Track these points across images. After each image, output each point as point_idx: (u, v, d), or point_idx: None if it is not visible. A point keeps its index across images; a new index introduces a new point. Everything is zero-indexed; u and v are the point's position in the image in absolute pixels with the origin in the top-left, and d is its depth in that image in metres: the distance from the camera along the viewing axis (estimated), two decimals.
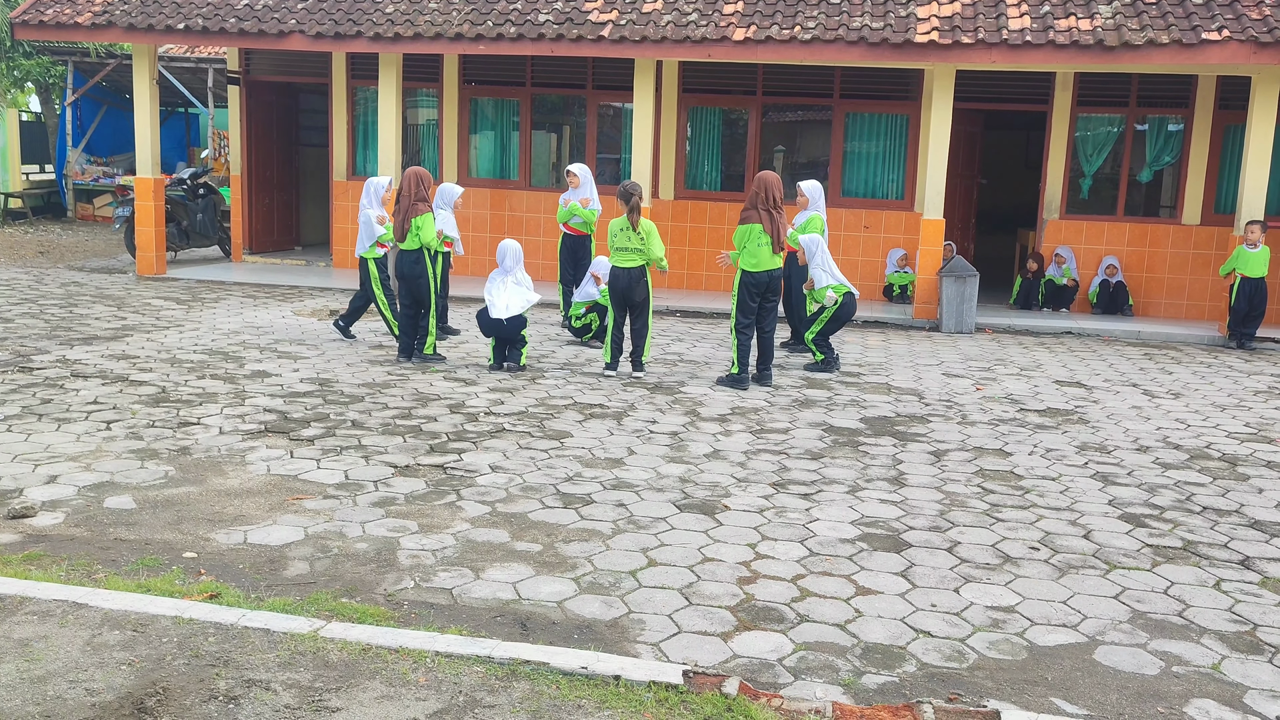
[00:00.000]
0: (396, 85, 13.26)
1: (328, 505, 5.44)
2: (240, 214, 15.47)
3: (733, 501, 5.71)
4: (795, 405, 8.08)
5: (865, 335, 11.60)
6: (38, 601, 4.07)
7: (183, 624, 3.93)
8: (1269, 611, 4.51)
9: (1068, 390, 9.01)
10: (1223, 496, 6.13)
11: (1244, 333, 11.42)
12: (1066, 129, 13.24)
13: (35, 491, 5.47)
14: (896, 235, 13.65)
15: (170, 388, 7.85)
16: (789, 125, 14.68)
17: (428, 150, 15.05)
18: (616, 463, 6.35)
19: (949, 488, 6.12)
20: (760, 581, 4.64)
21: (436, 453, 6.45)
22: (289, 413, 7.26)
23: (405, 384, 8.28)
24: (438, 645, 3.82)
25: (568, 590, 4.48)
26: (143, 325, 10.41)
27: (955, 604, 4.48)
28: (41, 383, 7.84)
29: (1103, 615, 4.42)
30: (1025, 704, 3.64)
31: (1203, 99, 12.87)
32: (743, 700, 3.51)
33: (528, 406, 7.70)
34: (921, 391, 8.75)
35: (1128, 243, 13.20)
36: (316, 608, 4.17)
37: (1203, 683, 3.86)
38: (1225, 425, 7.90)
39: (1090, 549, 5.20)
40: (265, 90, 15.67)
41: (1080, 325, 12.24)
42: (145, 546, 4.82)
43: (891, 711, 3.49)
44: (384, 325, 10.25)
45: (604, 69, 14.01)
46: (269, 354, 9.25)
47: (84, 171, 20.87)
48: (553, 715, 3.41)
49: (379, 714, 3.39)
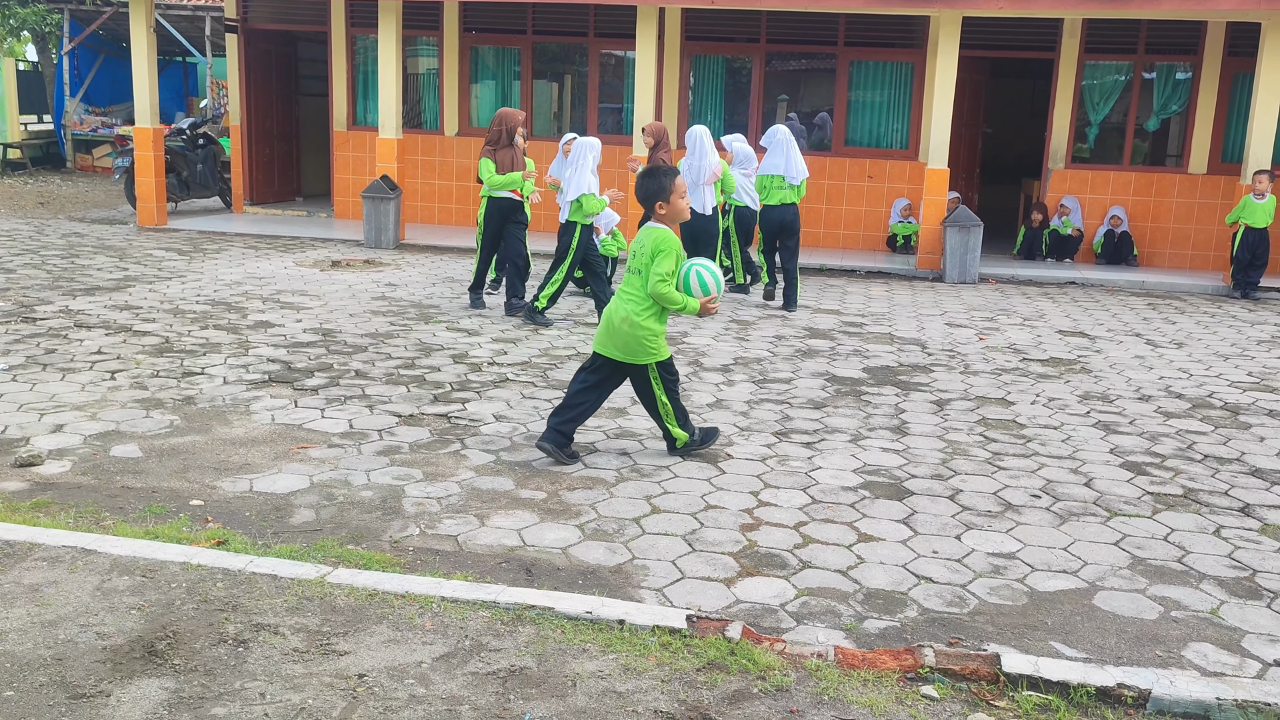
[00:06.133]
0: (396, 33, 13.12)
1: (332, 454, 5.46)
2: (240, 165, 15.38)
3: (735, 450, 5.73)
4: (798, 355, 8.08)
5: (869, 285, 11.57)
6: (47, 548, 4.11)
7: (191, 570, 3.97)
8: (1268, 557, 4.55)
9: (1071, 340, 9.01)
10: (1224, 445, 6.15)
11: (1248, 282, 11.39)
12: (1073, 77, 13.11)
13: (42, 440, 5.50)
14: (900, 185, 13.57)
15: (174, 338, 7.86)
16: (793, 74, 14.54)
17: (428, 100, 14.93)
18: (620, 412, 6.37)
19: (951, 436, 6.14)
20: (763, 528, 4.68)
21: (440, 402, 6.47)
22: (293, 363, 7.28)
23: (408, 334, 8.28)
24: (444, 590, 3.86)
25: (572, 537, 4.52)
26: (145, 276, 10.40)
27: (956, 550, 4.52)
28: (45, 333, 7.85)
29: (1103, 561, 4.45)
30: (1025, 648, 3.68)
31: (1211, 46, 12.72)
32: (746, 644, 3.55)
33: (531, 357, 7.71)
34: (924, 341, 8.75)
35: (1133, 192, 13.12)
36: (323, 554, 4.21)
37: (1201, 627, 3.90)
38: (1228, 374, 7.90)
39: (1091, 496, 5.23)
40: (264, 39, 15.51)
41: (1084, 275, 12.21)
42: (152, 494, 4.86)
43: (893, 655, 3.53)
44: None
45: (606, 16, 13.85)
46: (271, 304, 9.24)
47: (82, 121, 20.72)
48: (558, 659, 3.46)
49: (386, 657, 3.43)
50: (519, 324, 8.81)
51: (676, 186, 5.34)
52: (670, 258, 5.23)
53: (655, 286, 5.22)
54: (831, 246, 13.71)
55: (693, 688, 3.32)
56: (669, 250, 5.24)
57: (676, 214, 5.39)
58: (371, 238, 12.84)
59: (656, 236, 5.29)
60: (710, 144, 9.58)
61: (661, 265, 5.22)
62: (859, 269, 12.29)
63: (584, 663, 3.44)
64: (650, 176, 5.41)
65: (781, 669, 3.43)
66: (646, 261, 5.28)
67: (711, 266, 5.48)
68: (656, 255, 5.24)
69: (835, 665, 3.47)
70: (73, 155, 20.76)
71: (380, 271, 11.25)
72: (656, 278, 5.22)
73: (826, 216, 13.69)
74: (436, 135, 14.70)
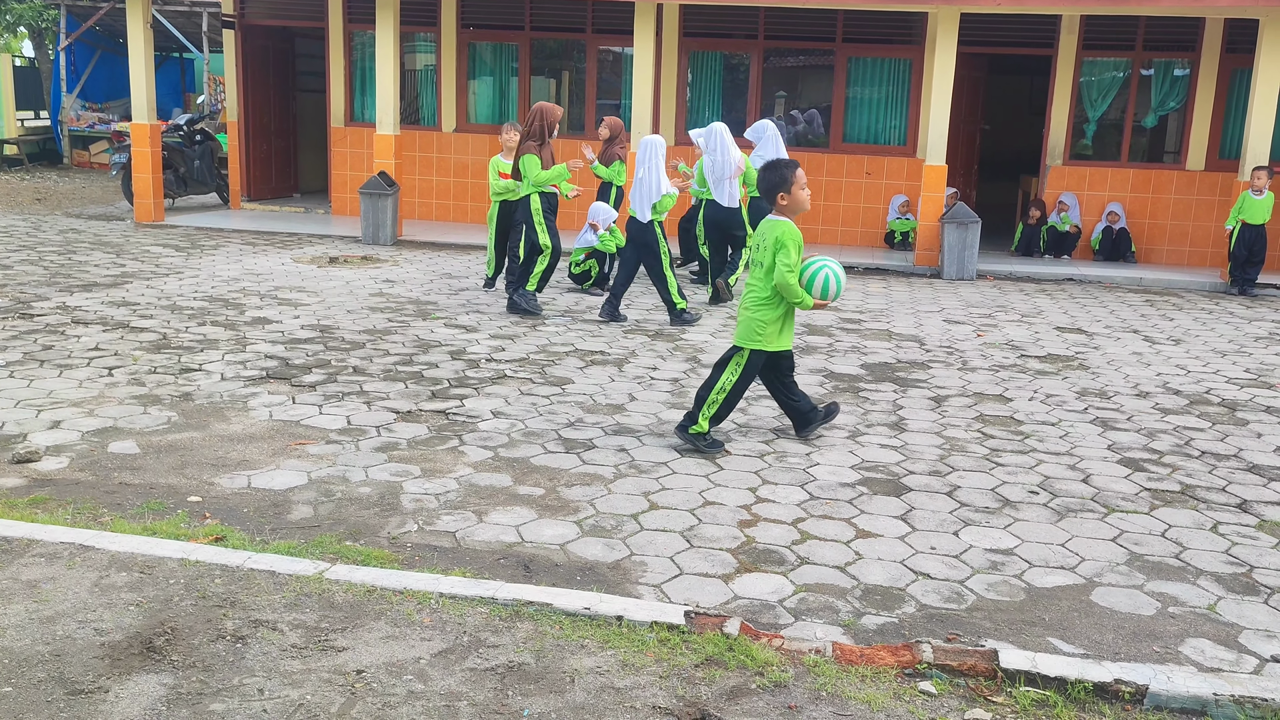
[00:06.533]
0: (394, 29, 13.09)
1: (330, 450, 5.46)
2: (238, 161, 15.36)
3: (734, 447, 5.73)
4: (796, 352, 8.07)
5: (866, 282, 11.57)
6: (45, 544, 4.10)
7: (189, 566, 3.97)
8: (1265, 553, 4.55)
9: (1068, 336, 9.01)
10: (1221, 441, 6.16)
11: (1246, 278, 11.40)
12: (1071, 73, 13.11)
13: (39, 436, 5.50)
14: (898, 181, 13.57)
15: (171, 334, 7.85)
16: (791, 70, 14.53)
17: (426, 96, 14.92)
18: (618, 408, 6.37)
19: (949, 433, 6.15)
20: (761, 525, 4.68)
21: (438, 398, 6.47)
22: (290, 359, 7.27)
23: (406, 331, 8.27)
24: (442, 587, 3.86)
25: (570, 533, 4.52)
26: (142, 272, 10.38)
27: (954, 547, 4.52)
28: (43, 329, 7.84)
29: (1100, 557, 4.46)
30: (1023, 643, 3.68)
31: (1210, 42, 12.72)
32: (744, 640, 3.56)
33: (529, 353, 7.70)
34: (922, 338, 8.75)
35: (1131, 189, 13.12)
36: (321, 550, 4.21)
37: (1198, 623, 3.91)
38: (1225, 371, 7.91)
39: (1089, 493, 5.23)
40: (261, 34, 15.49)
41: (1082, 272, 12.21)
42: (150, 490, 4.85)
43: (891, 651, 3.54)
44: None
45: (604, 12, 13.83)
46: (269, 301, 9.24)
47: (79, 118, 20.68)
48: (556, 655, 3.46)
49: (385, 653, 3.43)
50: (516, 320, 8.81)
51: (798, 178, 5.55)
52: (793, 249, 5.46)
53: (782, 276, 5.44)
54: (829, 243, 13.70)
55: (691, 684, 3.32)
56: (791, 242, 5.46)
57: (798, 205, 5.56)
58: (369, 234, 12.82)
59: (778, 230, 5.49)
60: (730, 140, 9.62)
61: (786, 256, 5.44)
62: (857, 266, 12.28)
63: (582, 659, 3.44)
64: (772, 169, 5.59)
65: (780, 665, 3.43)
66: (769, 254, 5.49)
67: (840, 273, 5.64)
68: (779, 248, 5.44)
69: (833, 661, 3.47)
70: (69, 151, 20.72)
71: (378, 268, 11.25)
72: (784, 268, 5.43)
73: (824, 213, 13.69)
74: (434, 131, 14.68)
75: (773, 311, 5.54)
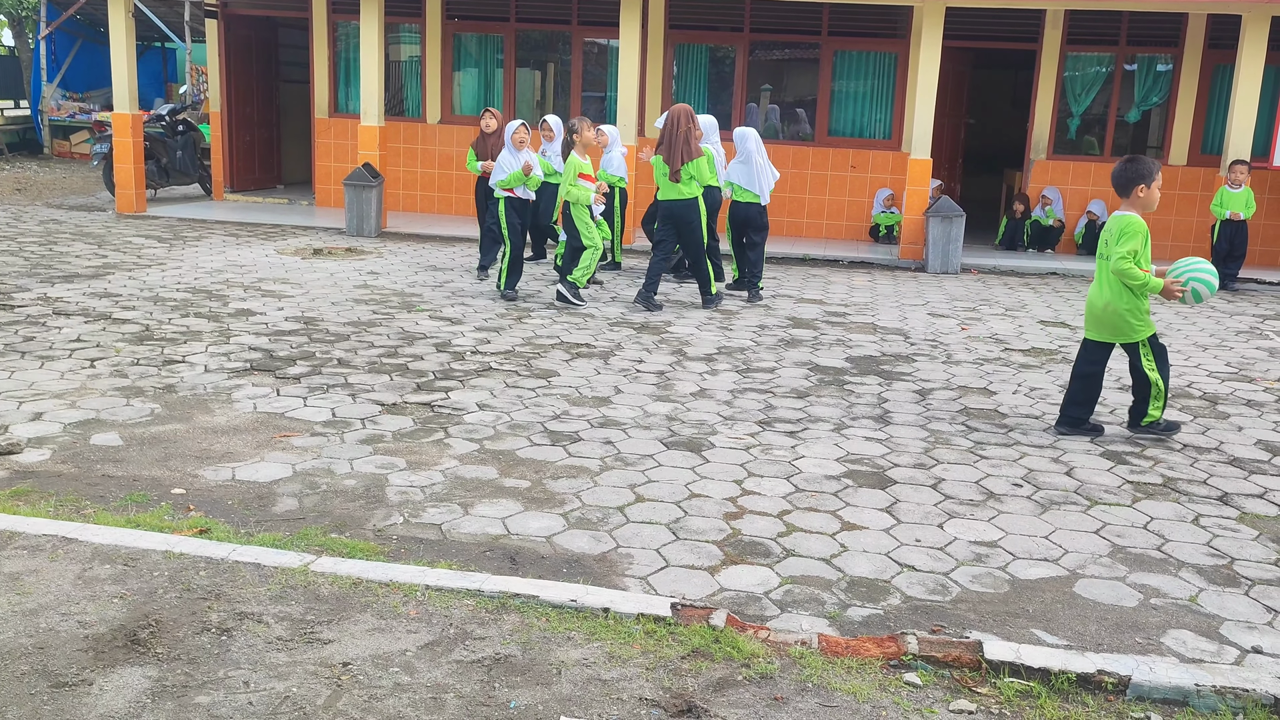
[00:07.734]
0: (378, 20, 13.03)
1: (315, 442, 5.44)
2: (221, 151, 15.27)
3: (719, 439, 5.74)
4: (781, 345, 8.10)
5: (851, 275, 11.60)
6: (27, 536, 4.08)
7: (173, 558, 3.95)
8: (1246, 545, 4.59)
9: (1052, 330, 9.06)
10: (1203, 434, 6.20)
11: (1226, 273, 11.47)
12: (1055, 68, 13.16)
13: (20, 428, 5.46)
14: (883, 175, 13.60)
15: (154, 326, 7.80)
16: (776, 63, 14.54)
17: (410, 87, 14.85)
18: (604, 401, 6.37)
19: (933, 426, 6.17)
20: (747, 517, 4.69)
21: (424, 391, 6.45)
22: (274, 351, 7.24)
23: (391, 323, 8.25)
24: (428, 579, 3.85)
25: (556, 525, 4.52)
26: (124, 263, 10.31)
27: (939, 539, 4.54)
28: (23, 320, 7.78)
29: (1083, 550, 4.49)
30: (1007, 635, 3.71)
31: (1192, 38, 12.80)
32: (730, 632, 3.56)
33: (514, 346, 7.69)
34: (907, 331, 8.78)
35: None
36: (306, 543, 4.20)
37: (1180, 614, 3.94)
38: (1206, 364, 7.96)
39: (1072, 485, 5.27)
40: (244, 24, 15.39)
41: (1065, 266, 12.27)
42: (133, 483, 4.83)
43: (876, 643, 3.55)
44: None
45: (589, 4, 13.81)
46: (253, 292, 9.19)
47: (60, 107, 20.52)
48: (543, 647, 3.46)
49: (371, 646, 3.42)
50: (502, 312, 8.79)
51: (1159, 178, 5.72)
52: (1135, 239, 5.62)
53: (1117, 264, 5.62)
54: (814, 236, 13.73)
55: (677, 675, 3.33)
56: (1135, 233, 5.62)
57: (1151, 201, 5.73)
58: (353, 225, 12.77)
59: (1124, 222, 5.67)
60: (761, 146, 9.83)
61: (1124, 245, 5.61)
62: (842, 259, 12.31)
63: (569, 651, 3.45)
64: (1136, 162, 5.76)
65: (766, 656, 3.44)
66: (1115, 246, 5.67)
67: (1213, 282, 5.80)
68: (1122, 237, 5.62)
69: (819, 653, 3.49)
70: (50, 141, 20.55)
71: (362, 259, 11.21)
72: (1118, 255, 5.61)
73: (809, 206, 13.71)
74: (419, 123, 14.62)
75: (1136, 297, 5.73)
